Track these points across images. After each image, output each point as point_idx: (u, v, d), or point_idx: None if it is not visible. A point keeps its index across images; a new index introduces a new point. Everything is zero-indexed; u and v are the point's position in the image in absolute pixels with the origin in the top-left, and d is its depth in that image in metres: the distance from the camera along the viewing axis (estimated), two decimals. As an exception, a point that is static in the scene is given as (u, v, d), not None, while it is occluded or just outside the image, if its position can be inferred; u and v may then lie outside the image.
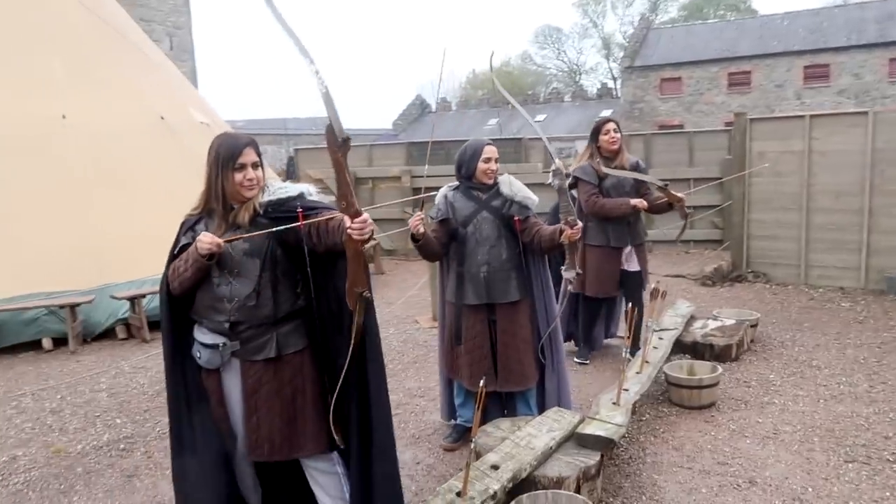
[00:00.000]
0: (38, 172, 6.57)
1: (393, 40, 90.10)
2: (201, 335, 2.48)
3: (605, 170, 4.63)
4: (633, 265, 4.82)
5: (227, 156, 2.37)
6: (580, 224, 3.22)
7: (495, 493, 2.63)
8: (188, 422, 2.51)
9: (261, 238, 2.40)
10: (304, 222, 2.30)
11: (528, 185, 3.60)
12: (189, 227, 2.49)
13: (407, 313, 6.83)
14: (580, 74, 51.47)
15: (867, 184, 6.90)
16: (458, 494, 2.58)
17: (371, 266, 9.30)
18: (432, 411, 4.21)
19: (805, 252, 7.33)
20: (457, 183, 3.66)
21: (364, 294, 2.20)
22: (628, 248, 4.82)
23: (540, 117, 36.80)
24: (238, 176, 2.38)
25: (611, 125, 4.75)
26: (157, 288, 4.78)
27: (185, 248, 2.45)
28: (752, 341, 5.23)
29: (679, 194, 4.67)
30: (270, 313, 2.42)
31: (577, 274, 3.35)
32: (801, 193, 7.30)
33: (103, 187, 6.78)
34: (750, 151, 7.63)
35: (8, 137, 6.59)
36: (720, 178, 8.48)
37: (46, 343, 6.08)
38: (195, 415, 2.50)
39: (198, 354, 2.48)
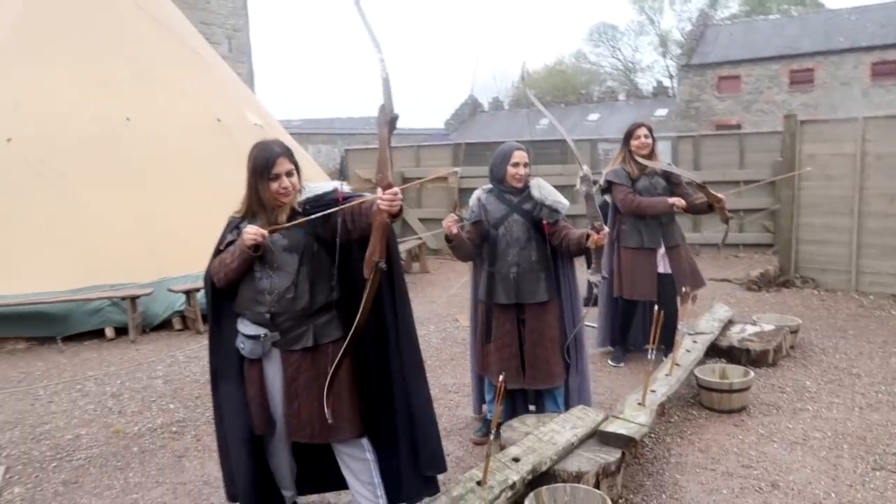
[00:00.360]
0: (103, 171, 7.00)
1: (447, 38, 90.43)
2: (244, 327, 2.67)
3: (641, 161, 4.67)
4: (664, 267, 4.85)
5: (262, 166, 2.55)
6: (606, 230, 3.31)
7: (514, 483, 2.75)
8: (224, 403, 2.76)
9: (299, 235, 2.59)
10: (343, 206, 2.50)
11: (572, 186, 3.67)
12: (234, 226, 2.69)
13: (448, 311, 6.99)
14: (635, 73, 50.64)
15: (924, 188, 6.71)
16: (479, 483, 2.72)
17: (416, 264, 9.52)
18: (465, 406, 4.35)
19: (856, 257, 7.16)
20: (490, 186, 3.79)
21: (380, 264, 2.36)
22: (662, 250, 4.85)
23: (593, 117, 36.44)
24: (273, 185, 2.55)
25: (642, 130, 4.80)
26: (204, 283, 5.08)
27: (230, 244, 2.66)
28: (791, 347, 5.18)
29: (719, 194, 4.64)
30: (307, 305, 2.60)
31: (603, 278, 3.43)
32: (853, 197, 7.13)
33: (163, 186, 7.16)
34: (800, 154, 7.50)
35: (76, 137, 7.05)
36: (763, 181, 8.30)
37: (109, 332, 6.48)
38: (229, 399, 2.75)
39: (241, 345, 2.67)
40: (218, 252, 2.70)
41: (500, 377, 2.66)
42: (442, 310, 7.09)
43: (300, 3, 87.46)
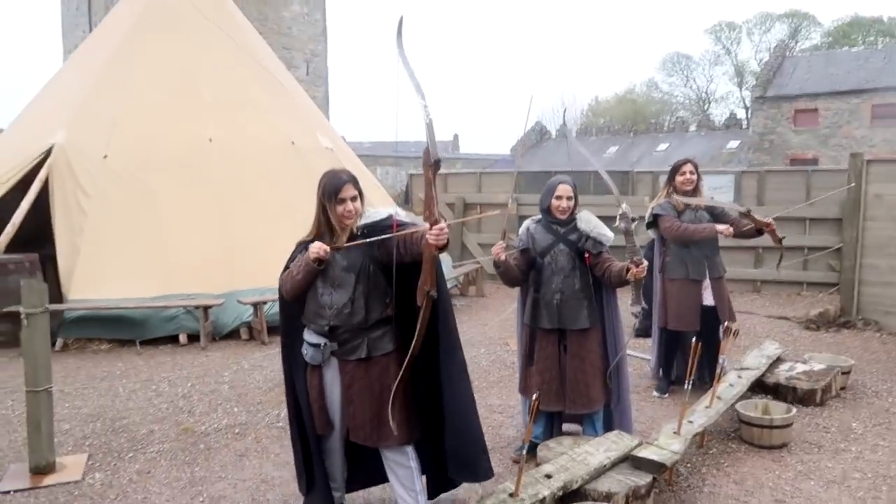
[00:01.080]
0: (184, 188, 7.58)
1: (516, 64, 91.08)
2: (309, 336, 3.01)
3: (682, 199, 4.81)
4: (708, 300, 4.93)
5: (330, 191, 2.89)
6: (645, 263, 3.46)
7: (544, 498, 2.93)
8: (295, 404, 3.13)
9: (357, 256, 2.92)
10: (396, 233, 2.81)
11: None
12: (303, 247, 3.02)
13: (500, 335, 7.18)
14: (709, 103, 49.85)
15: None
16: (511, 495, 2.91)
17: (472, 288, 9.75)
18: (508, 427, 4.53)
19: (922, 301, 6.99)
20: (539, 216, 4.01)
21: (431, 293, 2.68)
22: (706, 282, 4.93)
23: (662, 146, 36.03)
24: (339, 208, 2.88)
25: (688, 167, 4.94)
26: (278, 296, 5.59)
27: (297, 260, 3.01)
28: (842, 388, 5.13)
29: (766, 219, 4.71)
30: (363, 320, 2.91)
31: (643, 308, 3.57)
32: (921, 240, 6.98)
33: (239, 202, 7.68)
34: (866, 194, 7.39)
35: (162, 157, 7.67)
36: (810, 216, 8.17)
37: (182, 338, 6.97)
38: (298, 401, 3.11)
39: (306, 352, 3.02)
40: (287, 268, 3.04)
41: (535, 395, 2.85)
42: (494, 333, 7.29)
43: (375, 29, 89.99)
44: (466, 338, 3.04)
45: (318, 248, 2.81)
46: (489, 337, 7.12)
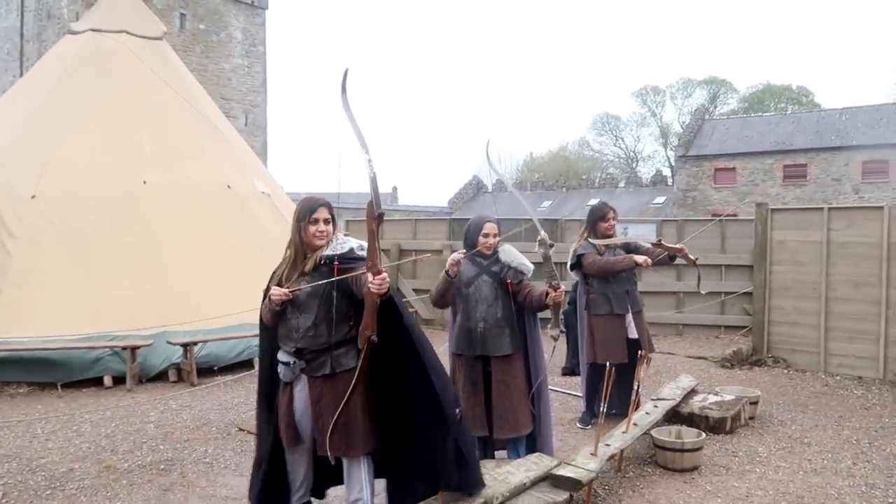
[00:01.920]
0: (117, 229, 7.51)
1: (454, 121, 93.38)
2: (281, 356, 3.28)
3: (600, 242, 5.17)
4: (632, 333, 5.23)
5: (305, 211, 3.20)
6: (563, 287, 3.71)
7: (465, 513, 3.05)
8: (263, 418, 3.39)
9: (320, 281, 3.15)
10: (337, 278, 3.09)
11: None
12: (277, 276, 3.30)
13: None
14: (637, 161, 52.27)
15: (885, 275, 7.11)
16: (434, 511, 3.01)
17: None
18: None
19: (824, 340, 7.50)
20: (464, 250, 4.22)
21: (371, 337, 2.96)
22: (629, 316, 5.24)
23: (593, 201, 37.02)
24: (312, 228, 3.19)
25: (611, 213, 5.32)
26: (209, 337, 5.89)
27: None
28: (751, 418, 5.46)
29: (677, 245, 5.15)
30: (326, 341, 3.17)
31: (561, 331, 3.80)
32: (821, 282, 7.54)
33: (172, 245, 7.65)
34: (771, 240, 7.97)
35: (95, 198, 7.59)
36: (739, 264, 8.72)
37: (107, 380, 6.80)
38: (268, 420, 3.38)
39: (279, 371, 3.27)
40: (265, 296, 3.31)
41: (457, 410, 3.00)
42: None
43: (314, 83, 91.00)
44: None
45: (278, 295, 3.10)
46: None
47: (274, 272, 3.33)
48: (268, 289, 3.28)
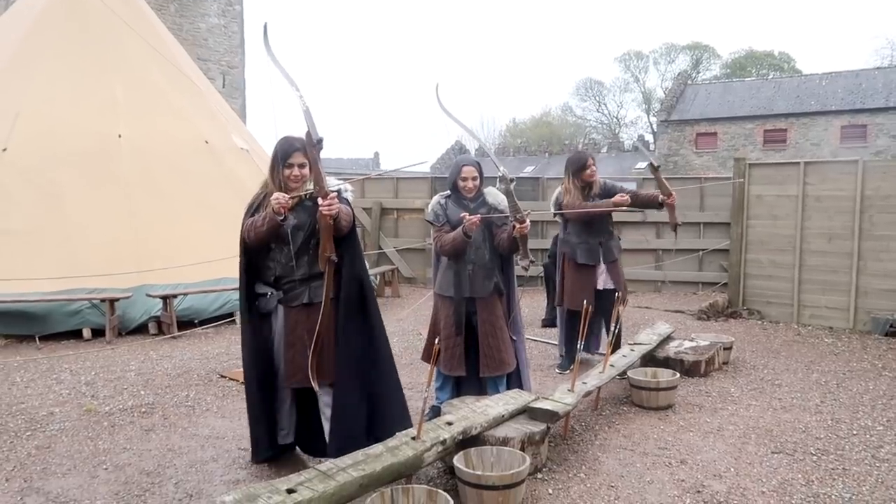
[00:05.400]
0: (92, 183, 7.40)
1: (439, 85, 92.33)
2: (259, 288, 3.38)
3: (582, 204, 5.21)
4: (607, 283, 5.29)
5: (281, 155, 3.23)
6: (528, 222, 3.74)
7: (445, 440, 3.11)
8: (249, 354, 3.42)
9: (305, 216, 3.22)
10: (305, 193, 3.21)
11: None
12: (254, 208, 3.32)
13: (413, 327, 7.35)
14: (620, 127, 52.20)
15: (857, 228, 7.23)
16: (413, 438, 3.07)
17: (388, 289, 9.91)
18: (417, 400, 4.66)
19: (798, 292, 7.65)
20: (448, 192, 4.23)
21: (331, 257, 3.03)
22: (602, 267, 5.30)
23: (575, 166, 37.43)
24: (287, 171, 3.23)
25: (591, 160, 5.34)
26: (189, 290, 5.83)
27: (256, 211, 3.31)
28: (725, 363, 5.59)
29: (671, 189, 5.16)
30: (305, 272, 3.24)
31: (531, 262, 3.85)
32: (796, 236, 7.66)
33: (149, 198, 7.56)
34: (748, 195, 8.06)
35: (70, 150, 7.46)
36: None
37: (86, 333, 6.76)
38: (251, 350, 3.42)
39: (257, 303, 3.37)
40: (246, 218, 3.31)
41: (437, 340, 3.04)
42: (408, 326, 7.45)
43: (296, 45, 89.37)
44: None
45: (282, 200, 3.07)
46: (403, 329, 7.28)
47: (250, 204, 3.36)
48: (249, 210, 3.32)
